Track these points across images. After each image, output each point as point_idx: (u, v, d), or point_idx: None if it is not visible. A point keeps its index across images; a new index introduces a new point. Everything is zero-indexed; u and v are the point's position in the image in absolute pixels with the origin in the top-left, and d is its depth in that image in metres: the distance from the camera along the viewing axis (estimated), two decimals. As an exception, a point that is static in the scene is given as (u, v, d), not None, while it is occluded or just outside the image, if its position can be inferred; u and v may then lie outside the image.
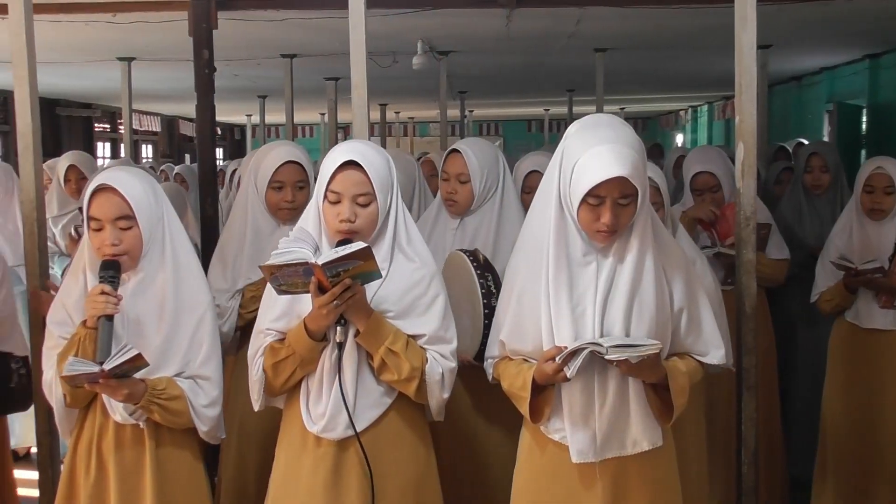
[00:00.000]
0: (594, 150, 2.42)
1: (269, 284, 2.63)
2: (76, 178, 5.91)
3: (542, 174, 3.91)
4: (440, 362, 2.69)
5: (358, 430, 2.64)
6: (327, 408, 2.65)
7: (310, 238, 2.60)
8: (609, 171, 2.38)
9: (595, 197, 2.42)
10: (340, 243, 2.56)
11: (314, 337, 2.62)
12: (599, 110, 8.60)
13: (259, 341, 2.74)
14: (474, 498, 3.36)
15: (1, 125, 12.67)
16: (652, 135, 22.55)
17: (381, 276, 2.57)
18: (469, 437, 3.37)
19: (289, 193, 3.39)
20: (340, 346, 2.62)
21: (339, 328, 2.60)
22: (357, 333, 2.63)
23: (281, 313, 2.70)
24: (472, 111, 17.74)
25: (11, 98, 3.47)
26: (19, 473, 4.07)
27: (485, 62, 9.57)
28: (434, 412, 2.78)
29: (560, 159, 2.51)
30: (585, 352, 2.40)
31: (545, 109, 18.11)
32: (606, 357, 2.37)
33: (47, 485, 3.40)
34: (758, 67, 3.35)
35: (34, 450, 4.29)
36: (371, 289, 2.61)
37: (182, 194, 5.32)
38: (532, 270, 2.56)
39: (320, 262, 2.46)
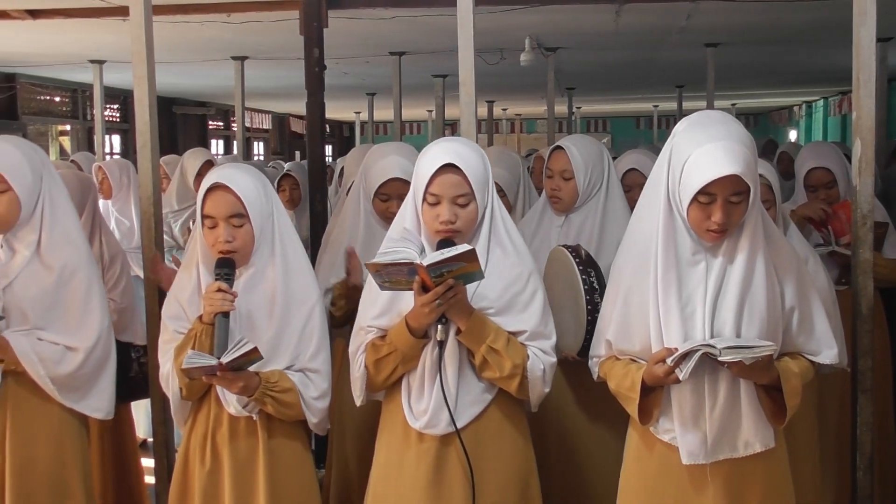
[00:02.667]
0: (705, 148, 2.37)
1: (370, 280, 2.66)
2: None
3: (639, 172, 3.92)
4: (541, 358, 2.68)
5: (459, 426, 2.65)
6: (429, 405, 2.66)
7: (416, 238, 2.62)
8: (720, 168, 2.34)
9: (706, 195, 2.38)
10: (441, 243, 2.57)
11: (416, 334, 2.64)
12: (710, 106, 8.46)
13: (360, 338, 2.76)
14: (574, 494, 3.34)
15: (121, 123, 13.12)
16: (764, 131, 22.02)
17: (483, 277, 2.57)
18: (571, 433, 3.35)
19: (395, 206, 3.39)
20: (442, 344, 2.64)
21: (440, 326, 2.62)
22: (458, 331, 2.64)
23: (382, 310, 2.72)
24: (579, 107, 17.61)
25: (131, 97, 3.58)
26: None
27: (593, 58, 9.50)
28: (533, 405, 2.78)
29: (669, 157, 2.48)
30: (698, 354, 2.35)
31: (654, 105, 17.86)
32: (720, 359, 2.33)
33: (162, 473, 3.50)
34: (876, 61, 3.24)
35: (150, 439, 4.43)
36: (471, 286, 2.62)
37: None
38: (639, 269, 2.53)
39: (425, 263, 2.47)
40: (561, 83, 11.30)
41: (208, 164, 5.96)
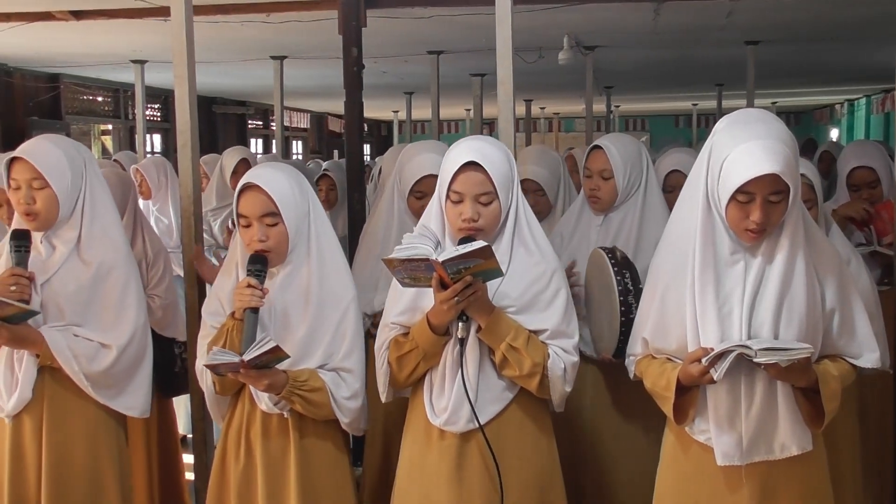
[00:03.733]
0: (744, 147, 2.35)
1: (394, 278, 2.67)
2: (244, 172, 6.08)
3: (682, 173, 3.89)
4: (562, 357, 2.68)
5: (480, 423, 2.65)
6: (450, 401, 2.67)
7: (432, 234, 2.62)
8: (760, 167, 2.31)
9: (745, 194, 2.36)
10: (462, 241, 2.57)
11: (436, 331, 2.65)
12: (750, 104, 8.37)
13: (384, 334, 2.78)
14: (608, 495, 3.33)
15: (162, 122, 13.24)
16: (805, 129, 21.78)
17: (502, 275, 2.58)
18: (606, 435, 3.35)
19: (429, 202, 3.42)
20: (462, 341, 2.65)
21: (461, 324, 2.63)
22: (479, 329, 2.64)
23: (405, 307, 2.74)
24: (618, 106, 17.51)
25: (171, 97, 3.61)
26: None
27: (631, 56, 9.45)
28: (556, 404, 2.78)
29: (708, 155, 2.46)
30: (733, 354, 2.33)
31: (693, 104, 17.72)
32: (755, 360, 2.31)
33: (201, 469, 3.52)
34: (921, 59, 3.19)
35: (189, 435, 4.47)
36: (493, 284, 2.62)
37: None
38: (677, 268, 2.51)
39: (441, 259, 2.48)
40: (599, 82, 11.24)
41: (244, 163, 6.00)
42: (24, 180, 2.90)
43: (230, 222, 5.29)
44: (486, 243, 2.47)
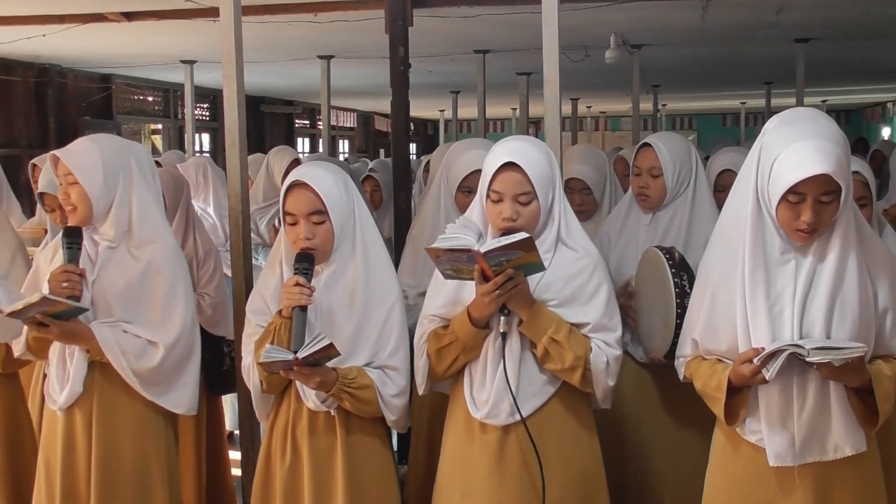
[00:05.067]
0: (795, 146, 2.33)
1: (436, 270, 2.67)
2: None
3: (735, 173, 3.84)
4: (605, 350, 2.68)
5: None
6: (491, 394, 2.68)
7: (474, 227, 2.64)
8: (811, 168, 2.29)
9: (795, 194, 2.34)
10: (502, 237, 2.56)
11: (477, 324, 2.66)
12: (799, 103, 8.28)
13: (424, 327, 2.80)
14: (658, 496, 3.31)
15: (210, 122, 13.37)
16: (856, 128, 21.45)
17: (544, 269, 2.59)
18: (656, 435, 3.32)
19: None
20: (504, 335, 2.65)
21: (502, 317, 2.63)
22: (520, 322, 2.64)
23: (446, 300, 2.75)
24: (664, 105, 17.38)
25: (220, 96, 3.64)
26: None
27: (679, 55, 9.38)
28: (600, 399, 2.77)
29: (758, 155, 2.44)
30: (785, 354, 2.31)
31: (741, 102, 17.52)
32: (807, 360, 2.28)
33: (248, 466, 3.54)
34: (977, 56, 3.13)
35: (236, 432, 4.51)
36: (534, 277, 2.63)
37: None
38: (727, 268, 2.49)
39: (483, 250, 2.48)
40: (646, 80, 11.16)
41: (295, 163, 6.02)
42: (62, 177, 2.98)
43: (276, 221, 5.32)
44: (527, 234, 2.48)
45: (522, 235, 2.47)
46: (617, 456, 3.17)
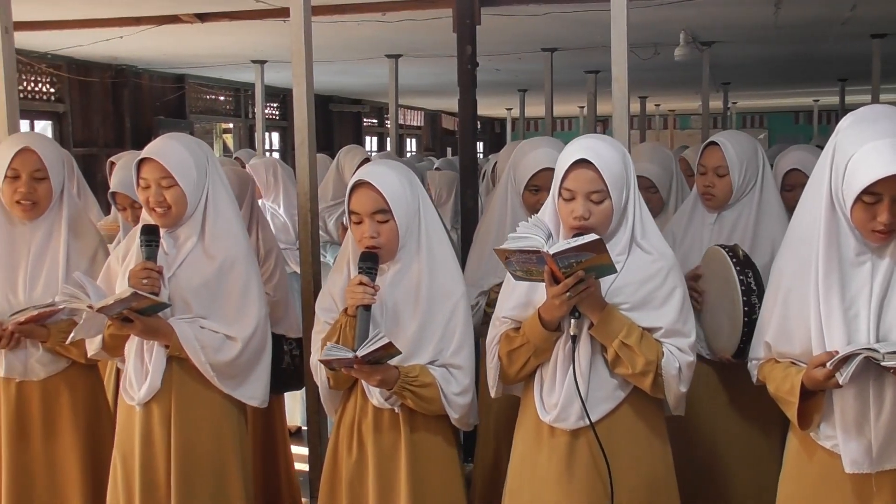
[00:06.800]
0: (871, 145, 2.27)
1: (507, 272, 2.67)
2: None
3: (802, 172, 3.79)
4: (677, 356, 2.62)
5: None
6: (560, 397, 2.65)
7: (544, 227, 2.59)
8: (888, 167, 2.23)
9: (871, 195, 2.28)
10: (575, 237, 2.54)
11: (548, 327, 2.63)
12: (875, 100, 8.11)
13: (496, 329, 2.78)
14: (724, 498, 3.27)
15: (280, 121, 13.54)
16: (935, 126, 20.92)
17: (615, 271, 2.54)
18: (724, 436, 3.28)
19: (545, 197, 3.40)
20: (574, 337, 2.62)
21: (573, 320, 2.60)
22: (591, 326, 2.62)
23: (518, 302, 2.73)
24: (735, 102, 17.18)
25: (290, 95, 3.69)
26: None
27: (750, 52, 9.26)
28: (672, 406, 2.73)
29: (832, 154, 2.38)
30: (860, 357, 2.25)
31: (814, 100, 17.26)
32: (883, 364, 2.22)
33: (316, 461, 3.58)
34: None
35: (304, 427, 4.56)
36: (606, 281, 2.59)
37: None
38: (800, 270, 2.44)
39: (552, 251, 2.45)
40: (716, 78, 11.03)
41: (365, 162, 6.04)
42: (154, 179, 3.00)
43: (344, 219, 5.35)
44: (597, 236, 2.43)
45: (592, 237, 2.43)
46: (686, 459, 3.14)
